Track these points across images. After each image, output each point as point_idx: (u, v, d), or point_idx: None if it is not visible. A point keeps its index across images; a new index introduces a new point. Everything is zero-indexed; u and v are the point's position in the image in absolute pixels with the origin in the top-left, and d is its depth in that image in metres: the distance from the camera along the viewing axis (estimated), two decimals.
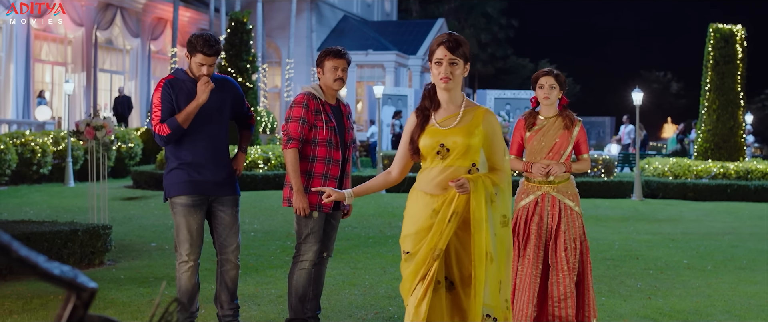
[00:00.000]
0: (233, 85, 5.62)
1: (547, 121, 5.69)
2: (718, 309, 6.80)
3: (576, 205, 5.62)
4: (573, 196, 5.65)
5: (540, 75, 5.74)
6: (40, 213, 13.23)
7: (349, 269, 8.47)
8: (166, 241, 10.48)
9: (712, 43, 19.95)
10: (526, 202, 5.61)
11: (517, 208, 5.67)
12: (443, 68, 3.96)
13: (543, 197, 5.58)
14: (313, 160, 5.42)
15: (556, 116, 5.71)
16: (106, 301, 6.70)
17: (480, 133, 3.97)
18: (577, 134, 5.67)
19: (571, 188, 5.66)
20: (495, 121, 4.03)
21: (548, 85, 5.67)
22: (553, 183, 5.59)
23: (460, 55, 4.00)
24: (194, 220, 5.33)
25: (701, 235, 12.12)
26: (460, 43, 4.01)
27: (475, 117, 4.00)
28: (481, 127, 3.98)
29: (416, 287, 3.89)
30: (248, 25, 19.10)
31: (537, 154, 5.63)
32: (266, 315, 6.35)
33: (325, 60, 5.48)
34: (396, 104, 32.89)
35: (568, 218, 5.55)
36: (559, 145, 5.61)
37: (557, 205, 5.56)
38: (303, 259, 5.51)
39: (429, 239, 3.88)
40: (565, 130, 5.65)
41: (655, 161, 21.25)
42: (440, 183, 3.96)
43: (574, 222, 5.57)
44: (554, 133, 5.64)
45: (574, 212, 5.58)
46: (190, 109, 5.23)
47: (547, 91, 5.67)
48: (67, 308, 1.52)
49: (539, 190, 5.60)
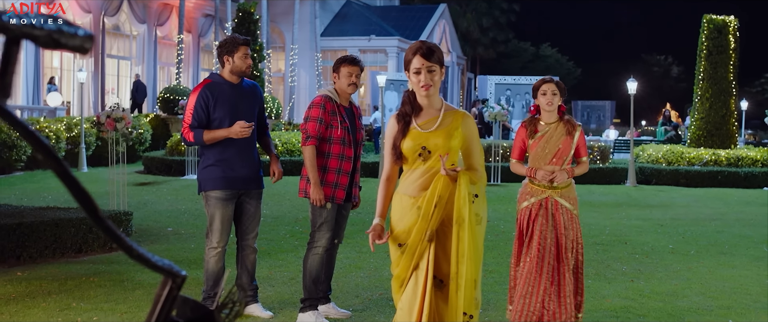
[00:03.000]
0: (260, 93, 6.26)
1: (548, 128, 5.83)
2: (694, 291, 7.40)
3: (575, 208, 5.82)
4: (573, 200, 5.84)
5: (541, 83, 5.87)
6: (58, 198, 13.83)
7: (355, 253, 9.09)
8: (182, 226, 11.10)
9: (705, 34, 20.55)
10: (529, 203, 5.77)
11: (520, 208, 5.83)
12: (423, 77, 4.13)
13: (546, 201, 5.75)
14: (329, 156, 6.02)
15: (557, 122, 5.85)
16: (133, 283, 7.32)
17: (459, 136, 4.20)
18: (577, 139, 5.84)
19: (573, 192, 5.85)
20: (473, 125, 4.28)
21: (551, 92, 5.81)
22: (557, 188, 5.75)
23: (436, 61, 4.16)
24: (226, 212, 5.96)
25: (689, 220, 12.73)
26: (434, 50, 4.16)
27: (455, 120, 4.22)
28: (460, 130, 4.20)
29: (408, 283, 4.18)
30: (255, 15, 19.75)
31: (541, 160, 5.79)
32: (281, 295, 6.97)
33: (340, 66, 6.09)
34: (398, 90, 33.41)
35: (569, 221, 5.74)
36: (563, 151, 5.77)
37: (560, 209, 5.74)
38: (317, 245, 6.12)
39: (417, 227, 4.11)
40: (567, 136, 5.80)
41: (649, 147, 21.88)
42: (422, 184, 4.17)
43: (573, 225, 5.76)
44: (557, 139, 5.79)
45: (573, 216, 5.78)
46: (219, 135, 5.85)
47: (549, 97, 5.81)
48: (164, 289, 2.10)
49: (543, 193, 5.76)
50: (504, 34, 62.76)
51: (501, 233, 10.83)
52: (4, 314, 6.07)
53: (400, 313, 4.23)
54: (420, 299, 4.12)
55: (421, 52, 4.14)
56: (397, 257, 4.23)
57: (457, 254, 4.07)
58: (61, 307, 6.33)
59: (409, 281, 4.21)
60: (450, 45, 51.22)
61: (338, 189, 6.04)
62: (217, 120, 5.93)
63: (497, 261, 8.72)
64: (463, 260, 4.05)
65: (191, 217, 12.07)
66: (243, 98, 6.05)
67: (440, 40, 48.89)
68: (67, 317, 6.02)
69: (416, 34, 44.82)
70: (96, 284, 7.20)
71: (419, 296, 4.12)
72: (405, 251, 4.18)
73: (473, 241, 4.10)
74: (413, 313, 4.12)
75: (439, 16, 47.81)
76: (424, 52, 4.14)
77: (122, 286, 7.19)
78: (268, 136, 6.42)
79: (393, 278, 4.31)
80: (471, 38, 58.55)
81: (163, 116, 25.98)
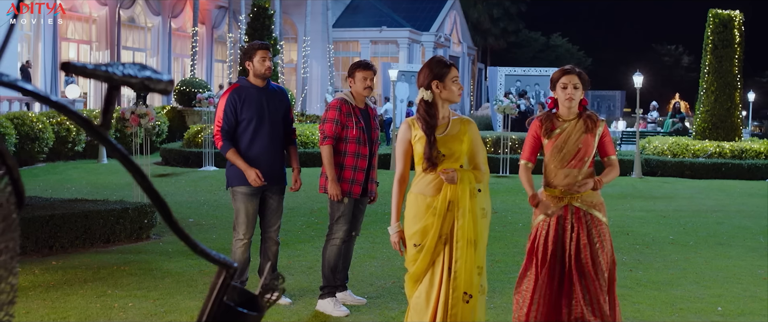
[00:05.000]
0: (287, 96, 6.73)
1: (567, 125, 5.07)
2: (689, 280, 7.84)
3: (603, 215, 5.02)
4: (599, 205, 5.04)
5: (562, 74, 5.09)
6: (81, 189, 14.35)
7: (369, 243, 9.56)
8: (203, 217, 11.60)
9: (711, 28, 20.93)
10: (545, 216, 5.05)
11: (535, 223, 5.12)
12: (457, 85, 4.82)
13: (566, 210, 5.00)
14: (345, 154, 6.49)
15: (576, 119, 5.08)
16: (162, 271, 7.81)
17: (468, 140, 4.77)
18: (601, 135, 5.08)
19: (597, 196, 5.05)
20: (476, 129, 4.88)
21: (572, 85, 5.04)
22: (576, 194, 5.00)
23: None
24: (251, 206, 6.45)
25: (691, 212, 13.14)
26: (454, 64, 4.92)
27: (462, 126, 4.80)
28: (468, 135, 4.78)
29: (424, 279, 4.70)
30: (270, 10, 20.25)
31: (558, 162, 5.04)
32: (300, 284, 7.45)
33: (355, 71, 6.57)
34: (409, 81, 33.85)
35: (597, 229, 4.98)
36: (583, 152, 5.01)
37: (583, 217, 4.98)
38: (334, 237, 6.60)
39: (434, 229, 4.66)
40: (588, 135, 5.03)
41: (655, 139, 22.29)
42: (436, 185, 4.71)
43: (604, 235, 5.00)
44: (576, 138, 5.02)
45: (602, 224, 5.00)
46: (238, 164, 6.30)
47: (571, 91, 5.04)
48: (220, 279, 2.56)
49: (561, 201, 5.01)
50: (514, 24, 62.98)
51: (508, 224, 11.28)
52: (46, 300, 6.58)
53: (414, 310, 4.75)
54: (435, 295, 4.66)
55: (455, 66, 4.89)
56: (414, 254, 4.74)
57: (459, 242, 4.62)
58: (97, 294, 6.83)
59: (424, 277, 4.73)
60: (461, 35, 51.56)
61: (354, 185, 6.51)
62: (245, 120, 6.39)
63: (503, 251, 9.17)
64: (464, 248, 4.61)
65: (211, 208, 12.57)
66: (270, 100, 6.50)
67: (451, 30, 49.23)
68: (105, 303, 6.53)
69: (427, 25, 45.19)
70: (127, 273, 7.70)
71: (434, 293, 4.66)
72: (422, 251, 4.68)
73: (475, 229, 4.64)
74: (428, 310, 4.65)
75: (449, 7, 48.15)
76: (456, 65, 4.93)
77: (152, 274, 7.68)
78: (294, 143, 6.79)
79: (408, 275, 4.81)
80: (481, 28, 58.83)
81: (179, 108, 26.54)
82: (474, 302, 4.63)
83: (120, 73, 2.13)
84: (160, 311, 6.34)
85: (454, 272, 4.62)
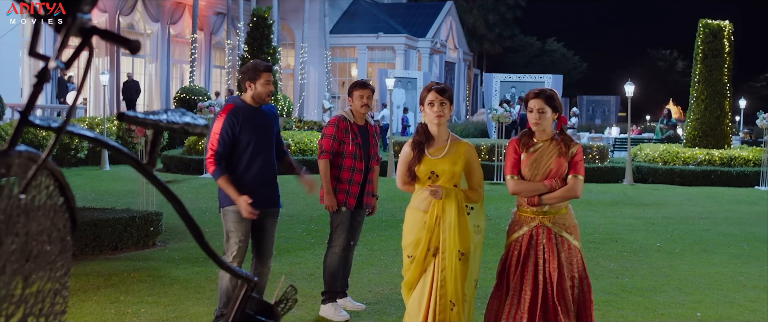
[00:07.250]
0: (277, 117, 6.56)
1: (541, 145, 5.15)
2: (672, 287, 8.23)
3: (575, 238, 5.10)
4: (571, 228, 5.13)
5: (530, 96, 5.14)
6: (86, 197, 14.69)
7: (368, 250, 9.94)
8: (205, 224, 11.94)
9: (701, 38, 21.40)
10: (519, 235, 5.15)
11: (509, 241, 5.22)
12: (436, 108, 5.12)
13: (537, 229, 5.09)
14: (341, 168, 6.89)
15: (550, 141, 5.15)
16: (170, 278, 8.19)
17: (462, 162, 5.14)
18: (574, 156, 5.12)
19: (569, 218, 5.15)
20: (474, 152, 5.23)
21: (538, 110, 5.08)
22: (548, 213, 5.10)
23: (447, 98, 5.17)
24: (243, 229, 6.10)
25: (679, 219, 13.53)
26: (446, 89, 5.20)
27: (458, 149, 5.17)
28: (463, 157, 5.15)
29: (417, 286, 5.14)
30: (269, 20, 20.64)
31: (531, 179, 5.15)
32: (301, 290, 7.80)
33: (353, 90, 6.97)
34: (406, 87, 34.28)
35: (566, 253, 5.06)
36: (554, 173, 5.07)
37: (553, 239, 5.06)
38: (334, 244, 7.00)
39: (423, 242, 5.10)
40: (559, 157, 5.09)
41: (646, 147, 22.70)
42: (429, 201, 5.11)
43: (572, 258, 5.06)
44: (547, 160, 5.11)
45: (572, 247, 5.07)
46: (230, 193, 5.93)
47: (536, 116, 5.09)
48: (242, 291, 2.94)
49: (533, 221, 5.12)
50: (510, 29, 63.43)
51: (501, 231, 11.54)
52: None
53: (409, 314, 5.22)
54: (426, 302, 5.10)
55: (436, 89, 5.17)
56: (407, 264, 5.23)
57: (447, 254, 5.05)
58: (110, 300, 7.20)
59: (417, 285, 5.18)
60: (457, 41, 51.94)
61: (349, 197, 6.90)
62: (242, 143, 6.08)
63: (495, 258, 9.49)
64: (451, 259, 5.04)
65: (213, 215, 12.91)
66: (265, 122, 6.32)
67: (447, 36, 49.63)
68: (119, 309, 6.90)
69: (423, 31, 45.57)
70: (137, 280, 8.07)
71: (425, 299, 5.10)
72: (414, 262, 5.15)
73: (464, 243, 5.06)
74: (420, 314, 5.10)
75: (445, 13, 48.57)
76: (439, 89, 5.17)
77: (161, 281, 8.05)
78: (286, 153, 6.57)
79: (403, 282, 5.29)
80: (477, 34, 59.27)
81: None
82: (458, 308, 5.04)
83: (164, 121, 2.56)
84: (171, 317, 6.72)
85: (441, 281, 5.04)
